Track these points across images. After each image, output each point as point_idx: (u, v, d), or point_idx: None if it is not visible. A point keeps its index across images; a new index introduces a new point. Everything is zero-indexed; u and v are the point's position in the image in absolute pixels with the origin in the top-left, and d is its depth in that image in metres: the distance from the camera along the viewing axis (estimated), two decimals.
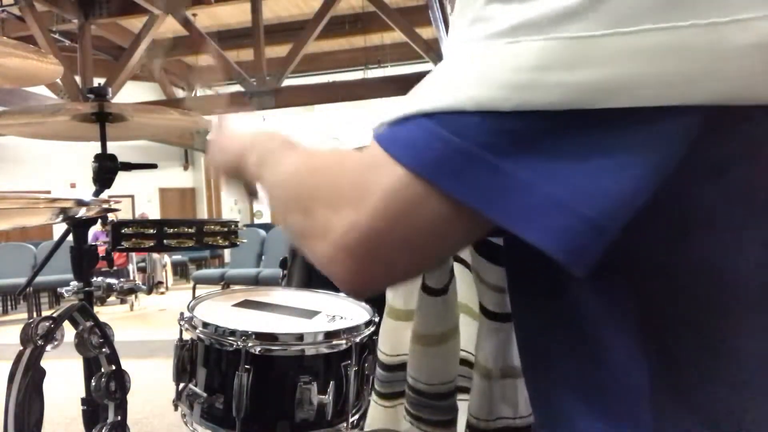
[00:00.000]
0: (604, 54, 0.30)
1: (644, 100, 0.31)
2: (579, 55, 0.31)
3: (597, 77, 0.31)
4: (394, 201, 0.36)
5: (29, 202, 0.82)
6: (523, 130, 0.33)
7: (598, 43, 0.30)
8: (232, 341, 0.92)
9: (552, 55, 0.31)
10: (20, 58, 1.08)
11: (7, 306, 6.85)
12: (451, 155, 0.34)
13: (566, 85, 0.31)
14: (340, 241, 0.38)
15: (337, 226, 0.38)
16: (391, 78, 7.80)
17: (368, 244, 0.37)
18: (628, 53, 0.30)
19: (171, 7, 7.01)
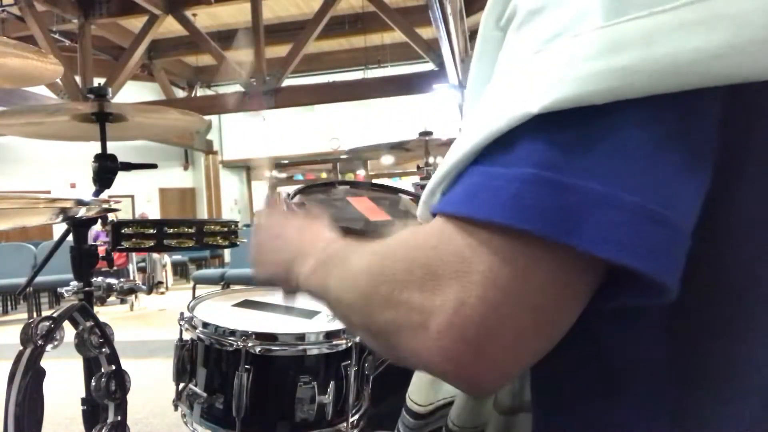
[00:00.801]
0: (644, 34, 0.28)
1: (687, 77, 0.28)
2: (621, 38, 0.28)
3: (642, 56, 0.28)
4: (500, 265, 0.30)
5: (29, 202, 0.82)
6: (572, 134, 0.29)
7: (635, 25, 0.28)
8: (232, 341, 0.92)
9: (587, 46, 0.29)
10: (20, 58, 1.08)
11: (7, 306, 6.85)
12: (511, 189, 0.30)
13: (611, 70, 0.28)
14: (448, 323, 0.31)
15: (439, 306, 0.31)
16: (391, 78, 7.80)
17: (486, 320, 0.30)
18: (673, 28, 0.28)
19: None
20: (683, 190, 0.29)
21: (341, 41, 9.57)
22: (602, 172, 0.29)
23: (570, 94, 0.29)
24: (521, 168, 0.30)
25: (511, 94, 0.31)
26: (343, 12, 8.27)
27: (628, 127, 0.29)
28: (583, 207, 0.28)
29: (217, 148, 11.64)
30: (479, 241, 0.30)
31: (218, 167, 11.73)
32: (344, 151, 8.93)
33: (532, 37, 0.32)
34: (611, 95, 0.28)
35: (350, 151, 3.65)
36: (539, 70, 0.30)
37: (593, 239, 0.28)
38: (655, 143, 0.29)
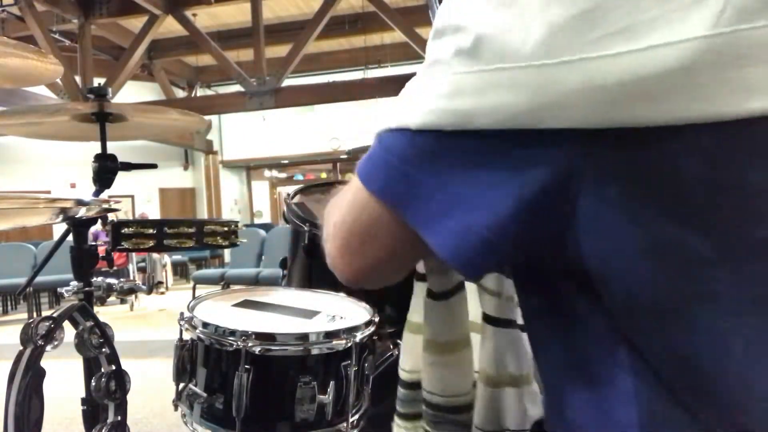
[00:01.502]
0: (474, 86, 0.38)
1: (507, 123, 0.38)
2: (459, 87, 0.39)
3: (471, 104, 0.38)
4: (353, 202, 0.48)
5: (29, 202, 0.82)
6: (428, 146, 0.41)
7: (470, 78, 0.38)
8: (232, 341, 0.92)
9: (444, 86, 0.40)
10: (20, 58, 1.08)
11: (7, 306, 6.86)
12: (380, 166, 0.44)
13: (452, 110, 0.39)
14: (333, 234, 0.50)
15: (331, 222, 0.51)
16: (391, 78, 7.81)
17: (342, 235, 0.49)
18: (490, 86, 0.38)
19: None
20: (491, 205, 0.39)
21: (341, 41, 9.57)
22: (438, 177, 0.41)
23: (429, 122, 0.40)
24: (390, 156, 0.43)
25: (409, 99, 0.43)
26: (343, 12, 8.27)
27: (465, 149, 0.40)
28: (419, 196, 0.42)
29: (217, 148, 11.64)
30: (353, 185, 0.47)
31: (218, 167, 11.73)
32: (344, 151, 8.92)
33: (431, 52, 0.42)
34: (454, 126, 0.39)
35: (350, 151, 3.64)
36: (421, 89, 0.42)
37: (416, 219, 0.43)
38: (478, 165, 0.40)
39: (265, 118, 10.76)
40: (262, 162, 12.12)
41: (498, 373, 0.69)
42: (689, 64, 0.33)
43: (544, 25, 0.36)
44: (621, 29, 0.34)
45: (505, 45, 0.37)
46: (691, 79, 0.33)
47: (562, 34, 0.35)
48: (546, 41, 0.36)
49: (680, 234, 0.37)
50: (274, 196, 13.16)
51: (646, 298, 0.39)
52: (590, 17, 0.35)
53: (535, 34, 0.36)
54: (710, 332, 0.37)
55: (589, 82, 0.35)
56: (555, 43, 0.36)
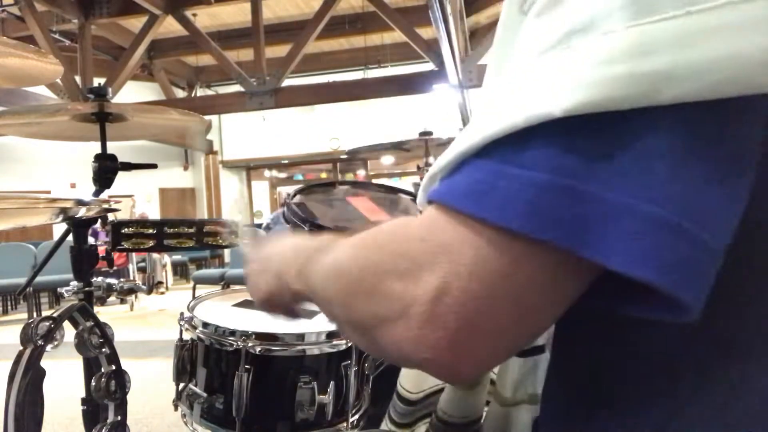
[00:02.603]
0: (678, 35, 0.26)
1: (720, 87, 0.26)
2: (651, 40, 0.26)
3: (666, 63, 0.26)
4: (485, 261, 0.30)
5: (29, 202, 0.82)
6: (593, 141, 0.28)
7: (665, 26, 0.26)
8: (232, 341, 0.92)
9: (616, 46, 0.27)
10: (20, 58, 1.08)
11: (7, 306, 6.85)
12: (524, 193, 0.28)
13: (638, 74, 0.26)
14: (428, 313, 0.31)
15: (420, 296, 0.31)
16: (391, 78, 7.80)
17: (465, 311, 0.30)
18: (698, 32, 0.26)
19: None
20: (712, 203, 0.27)
21: (341, 41, 9.57)
22: (622, 182, 0.27)
23: (593, 98, 0.27)
24: (536, 172, 0.28)
25: (529, 89, 0.29)
26: (343, 12, 8.27)
27: (654, 135, 0.27)
28: (598, 217, 0.27)
29: (217, 148, 11.64)
30: (471, 233, 0.30)
31: (218, 167, 11.73)
32: (344, 151, 8.93)
33: (553, 27, 0.30)
34: (637, 101, 0.26)
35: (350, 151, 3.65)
36: (561, 68, 0.28)
37: (605, 250, 0.27)
38: (682, 153, 0.27)
39: (265, 118, 10.75)
40: (262, 162, 12.12)
41: (514, 396, 0.67)
42: None
43: None
44: None
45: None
46: None
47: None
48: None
49: None
50: (274, 196, 13.16)
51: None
52: None
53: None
54: None
55: None
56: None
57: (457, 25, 5.02)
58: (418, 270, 0.31)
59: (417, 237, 0.33)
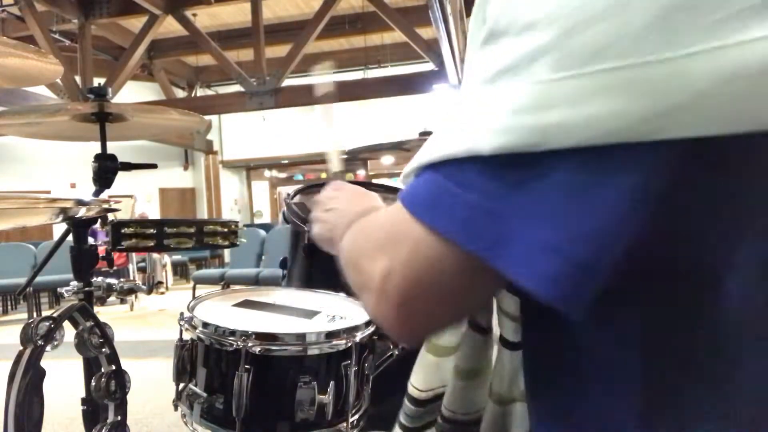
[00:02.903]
0: (569, 94, 0.31)
1: (613, 136, 0.31)
2: (546, 97, 0.32)
3: (565, 117, 0.32)
4: (417, 254, 0.38)
5: (29, 202, 0.82)
6: (511, 173, 0.34)
7: (562, 85, 0.32)
8: (232, 341, 0.92)
9: (524, 99, 0.33)
10: (20, 58, 1.08)
11: (7, 306, 6.85)
12: (452, 205, 0.36)
13: (540, 126, 0.32)
14: (380, 288, 0.40)
15: (377, 273, 0.40)
16: (391, 78, 7.81)
17: (403, 292, 0.39)
18: (591, 92, 0.31)
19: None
20: (593, 231, 0.33)
21: (341, 41, 9.57)
22: (526, 210, 0.34)
23: (509, 143, 0.33)
24: (469, 193, 0.35)
25: (468, 122, 0.36)
26: (343, 12, 8.27)
27: (553, 173, 0.33)
28: (507, 236, 0.34)
29: (217, 148, 11.64)
30: (415, 231, 0.38)
31: (218, 167, 11.73)
32: (344, 151, 8.93)
33: (489, 61, 0.35)
34: (540, 147, 0.32)
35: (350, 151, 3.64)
36: (489, 108, 0.34)
37: (507, 263, 0.34)
38: (577, 188, 0.33)
39: (265, 118, 10.76)
40: (262, 162, 12.12)
41: (510, 393, 0.68)
42: None
43: (652, 7, 0.29)
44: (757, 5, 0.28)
45: (604, 38, 0.30)
46: None
47: (677, 17, 0.29)
48: (660, 29, 0.29)
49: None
50: (274, 196, 13.16)
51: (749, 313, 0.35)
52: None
53: (643, 19, 0.30)
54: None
55: (729, 73, 0.28)
56: (674, 29, 0.29)
57: (457, 25, 5.02)
58: (376, 253, 0.41)
59: (381, 226, 0.44)
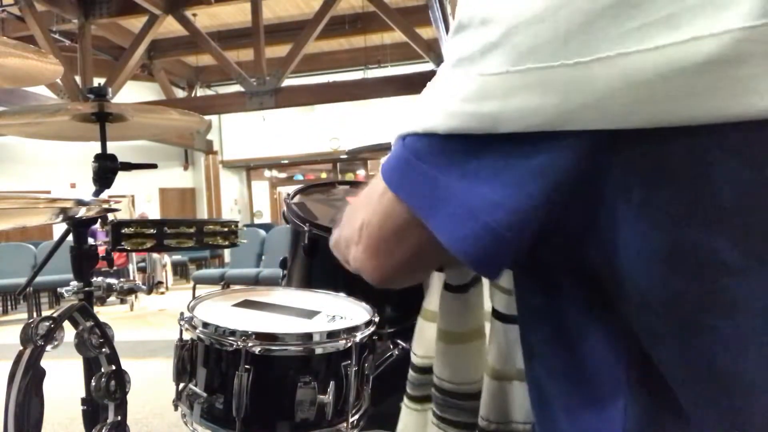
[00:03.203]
0: (502, 88, 0.36)
1: (532, 127, 0.36)
2: (485, 89, 0.37)
3: (498, 108, 0.37)
4: (378, 205, 0.47)
5: (29, 202, 0.82)
6: (454, 149, 0.40)
7: (497, 80, 0.36)
8: (232, 341, 0.92)
9: (470, 89, 0.38)
10: (20, 58, 1.08)
11: (7, 306, 6.86)
12: (407, 170, 0.43)
13: (480, 114, 0.38)
14: (356, 237, 0.50)
15: (356, 227, 0.50)
16: (391, 78, 7.81)
17: (370, 237, 0.48)
18: (518, 88, 0.36)
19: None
20: (507, 203, 0.38)
21: (341, 41, 9.58)
22: (460, 178, 0.40)
23: (457, 126, 0.39)
24: (417, 159, 0.42)
25: (433, 101, 0.42)
26: (343, 12, 8.27)
27: (486, 151, 0.39)
28: (442, 200, 0.41)
29: (217, 148, 11.64)
30: (382, 191, 0.46)
31: (218, 167, 11.73)
32: (344, 151, 8.93)
33: (454, 49, 0.40)
34: (479, 131, 0.38)
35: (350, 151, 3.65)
36: (446, 91, 0.41)
37: (437, 224, 0.41)
38: (498, 166, 0.39)
39: (265, 118, 10.76)
40: (262, 162, 12.13)
41: (504, 368, 0.69)
42: (734, 55, 0.31)
43: (578, 14, 0.33)
44: (663, 18, 0.32)
45: (535, 40, 0.35)
46: (735, 72, 0.31)
47: (597, 24, 0.33)
48: (580, 35, 0.33)
49: (705, 239, 0.35)
50: (274, 196, 13.16)
51: (662, 302, 0.38)
52: (629, 4, 0.32)
53: (568, 25, 0.34)
54: (727, 340, 0.36)
55: (628, 79, 0.33)
56: (590, 36, 0.33)
57: None
58: (357, 212, 0.51)
59: (367, 189, 0.51)
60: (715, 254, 0.35)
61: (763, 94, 0.32)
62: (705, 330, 0.37)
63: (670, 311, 0.38)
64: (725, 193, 0.34)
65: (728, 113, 0.32)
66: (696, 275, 0.36)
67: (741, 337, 0.36)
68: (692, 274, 0.36)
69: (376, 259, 0.49)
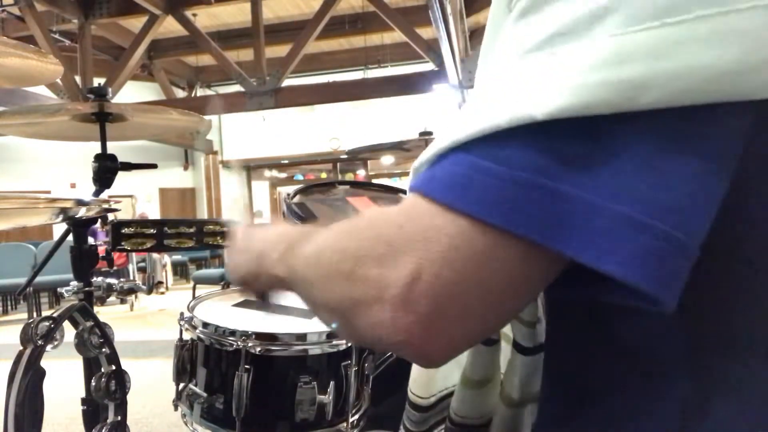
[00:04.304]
0: (657, 45, 0.27)
1: (698, 92, 0.27)
2: (627, 50, 0.28)
3: (649, 70, 0.27)
4: (454, 250, 0.31)
5: (29, 202, 0.82)
6: (570, 144, 0.29)
7: (643, 37, 0.28)
8: (232, 341, 0.92)
9: (597, 55, 0.28)
10: (20, 58, 1.08)
11: (7, 306, 6.85)
12: (501, 188, 0.30)
13: (616, 82, 0.28)
14: (402, 297, 0.32)
15: (395, 280, 0.32)
16: (391, 78, 7.80)
17: (437, 296, 0.31)
18: (682, 42, 0.27)
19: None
20: (682, 204, 0.29)
21: (341, 41, 9.57)
22: (595, 183, 0.29)
23: (574, 103, 0.28)
24: (516, 170, 0.30)
25: (512, 90, 0.31)
26: (343, 12, 8.27)
27: (629, 139, 0.29)
28: (572, 215, 0.29)
29: (217, 148, 11.64)
30: (447, 222, 0.31)
31: (218, 167, 11.72)
32: (344, 151, 8.93)
33: (538, 29, 0.31)
34: (615, 107, 0.28)
35: (350, 151, 3.65)
36: (543, 72, 0.30)
37: (577, 246, 0.29)
38: (652, 158, 0.29)
39: (265, 118, 10.75)
40: (262, 162, 12.12)
41: (522, 397, 0.65)
42: None
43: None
44: None
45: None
46: None
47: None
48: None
49: None
50: (274, 196, 13.15)
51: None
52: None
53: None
54: None
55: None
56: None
57: (457, 25, 5.02)
58: (394, 255, 0.32)
59: (395, 224, 0.34)
60: None
61: None
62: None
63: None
64: None
65: None
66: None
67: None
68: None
69: (445, 330, 0.32)
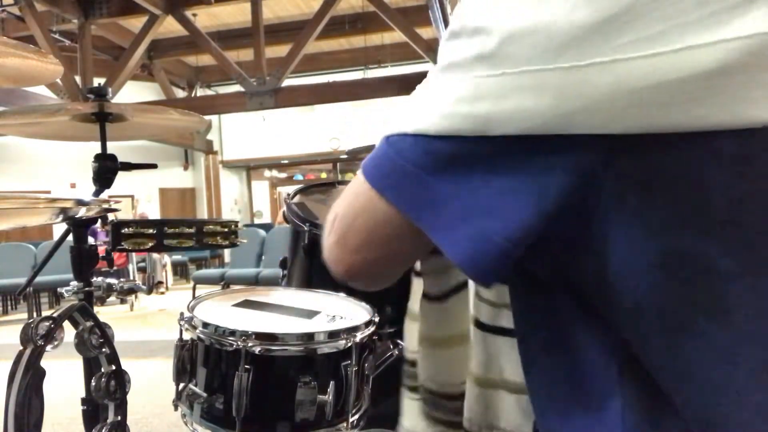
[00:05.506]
0: (496, 90, 0.37)
1: (526, 130, 0.36)
2: (480, 90, 0.37)
3: (491, 108, 0.37)
4: (356, 200, 0.47)
5: (29, 202, 0.82)
6: (446, 151, 0.40)
7: (492, 81, 0.37)
8: (232, 341, 0.92)
9: (464, 91, 0.38)
10: (20, 58, 1.08)
11: (7, 306, 6.85)
12: (392, 171, 0.43)
13: (472, 115, 0.38)
14: (329, 228, 0.49)
15: (332, 218, 0.49)
16: (391, 78, 7.80)
17: (340, 228, 0.48)
18: (512, 89, 0.36)
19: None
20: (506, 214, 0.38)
21: (341, 41, 9.57)
22: (455, 185, 0.40)
23: (446, 127, 0.39)
24: (406, 162, 0.42)
25: (422, 101, 0.42)
26: (343, 12, 8.27)
27: (482, 156, 0.39)
28: (433, 203, 0.41)
29: (217, 148, 11.64)
30: (361, 186, 0.45)
31: (218, 167, 11.73)
32: (344, 151, 8.93)
33: (447, 53, 0.41)
34: (477, 132, 0.38)
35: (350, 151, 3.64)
36: (436, 93, 0.41)
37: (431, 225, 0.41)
38: (493, 173, 0.38)
39: (265, 118, 10.75)
40: (262, 162, 12.12)
41: (486, 376, 0.69)
42: (727, 65, 0.32)
43: (574, 27, 0.34)
44: (656, 33, 0.33)
45: (531, 49, 0.35)
46: (727, 81, 0.32)
47: (593, 36, 0.34)
48: (575, 42, 0.34)
49: (699, 246, 0.36)
50: (274, 196, 13.16)
51: (656, 309, 0.38)
52: (623, 20, 0.33)
53: (565, 35, 0.35)
54: (718, 345, 0.37)
55: (622, 84, 0.33)
56: (585, 44, 0.34)
57: None
58: (338, 203, 0.49)
59: (347, 186, 0.50)
60: (709, 261, 0.35)
61: (756, 102, 0.32)
62: (697, 335, 0.37)
63: (662, 316, 0.38)
64: (718, 200, 0.35)
65: (721, 120, 0.33)
66: (689, 281, 0.36)
67: (732, 343, 0.36)
68: (685, 280, 0.36)
69: (342, 251, 0.48)
